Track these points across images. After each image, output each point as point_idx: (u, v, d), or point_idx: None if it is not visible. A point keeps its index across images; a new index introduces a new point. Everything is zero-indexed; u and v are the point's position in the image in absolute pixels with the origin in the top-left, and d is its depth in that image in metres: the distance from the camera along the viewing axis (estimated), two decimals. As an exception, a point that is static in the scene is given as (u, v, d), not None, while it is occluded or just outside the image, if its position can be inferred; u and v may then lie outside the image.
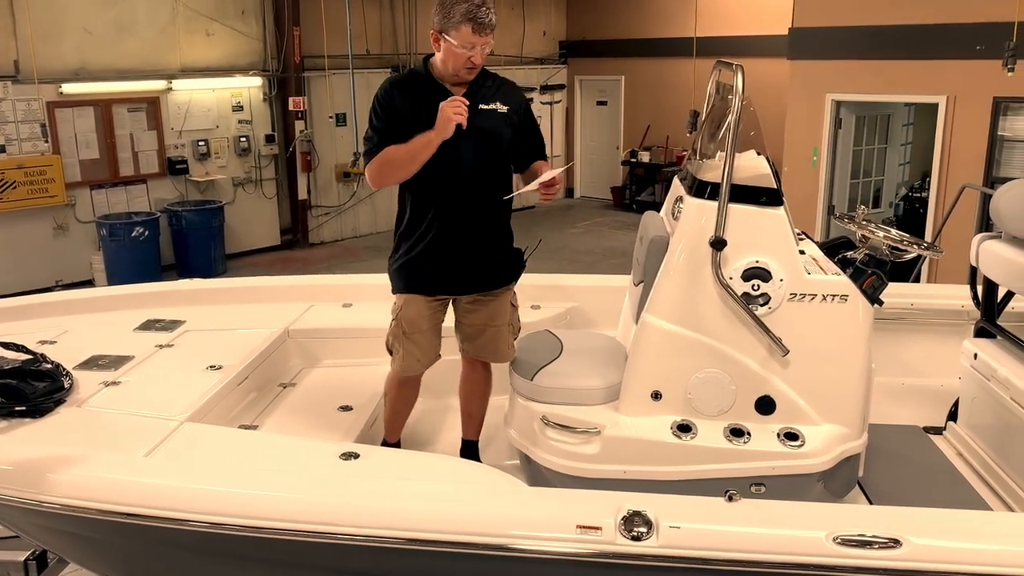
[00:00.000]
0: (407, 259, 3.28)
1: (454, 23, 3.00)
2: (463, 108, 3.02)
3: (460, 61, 3.07)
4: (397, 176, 3.18)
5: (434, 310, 3.34)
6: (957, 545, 2.38)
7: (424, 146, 3.05)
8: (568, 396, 3.14)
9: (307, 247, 12.60)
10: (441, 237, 3.23)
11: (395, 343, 3.34)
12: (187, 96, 11.09)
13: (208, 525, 2.52)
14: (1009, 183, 3.58)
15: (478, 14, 2.99)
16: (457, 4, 2.99)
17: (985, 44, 7.95)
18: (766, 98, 10.31)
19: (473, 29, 3.00)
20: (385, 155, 3.13)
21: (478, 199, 3.25)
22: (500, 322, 3.39)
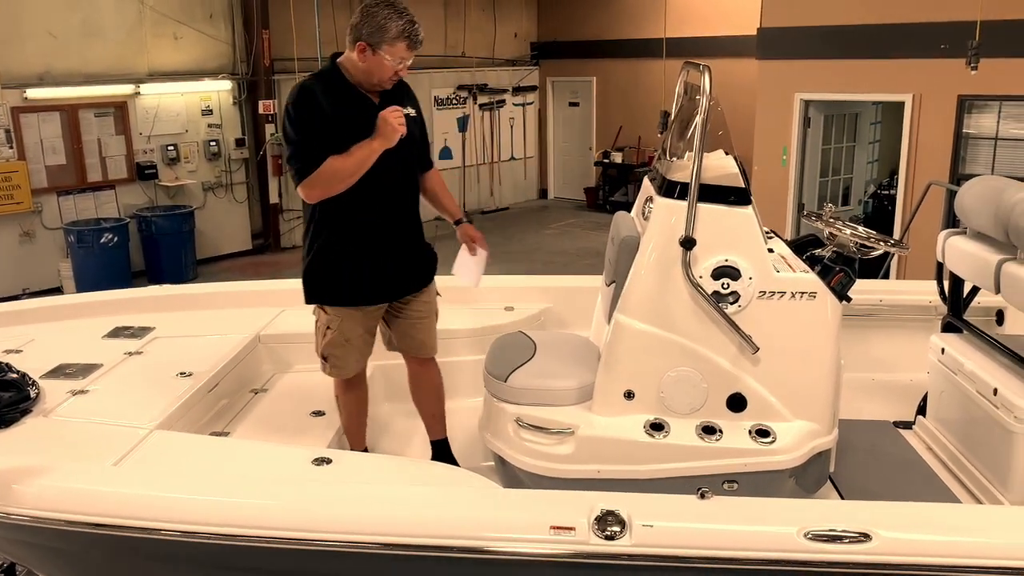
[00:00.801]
0: (348, 273, 3.24)
1: (389, 39, 3.02)
2: (403, 118, 3.07)
3: (387, 74, 3.10)
4: (341, 188, 3.09)
5: (375, 315, 3.41)
6: (926, 538, 2.41)
7: (368, 156, 3.05)
8: (542, 397, 3.14)
9: (279, 251, 12.52)
10: (382, 245, 3.26)
11: (333, 351, 3.34)
12: (155, 100, 10.98)
13: (179, 534, 2.50)
14: (972, 179, 3.64)
15: (413, 31, 3.06)
16: (391, 20, 3.01)
17: (949, 43, 8.06)
18: (736, 98, 10.41)
19: (408, 46, 3.06)
20: (329, 168, 3.04)
21: (407, 203, 3.34)
22: (431, 312, 3.52)
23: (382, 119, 3.03)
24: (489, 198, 15.86)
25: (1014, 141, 8.42)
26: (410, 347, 3.55)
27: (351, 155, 3.04)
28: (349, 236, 3.22)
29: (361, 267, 3.24)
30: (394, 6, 3.04)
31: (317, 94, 3.09)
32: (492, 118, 15.71)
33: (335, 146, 3.05)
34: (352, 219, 3.20)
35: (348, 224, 3.21)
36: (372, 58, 3.06)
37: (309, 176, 3.06)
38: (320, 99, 3.08)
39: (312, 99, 3.08)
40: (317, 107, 3.06)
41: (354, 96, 3.13)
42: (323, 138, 3.05)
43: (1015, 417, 3.09)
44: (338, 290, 3.27)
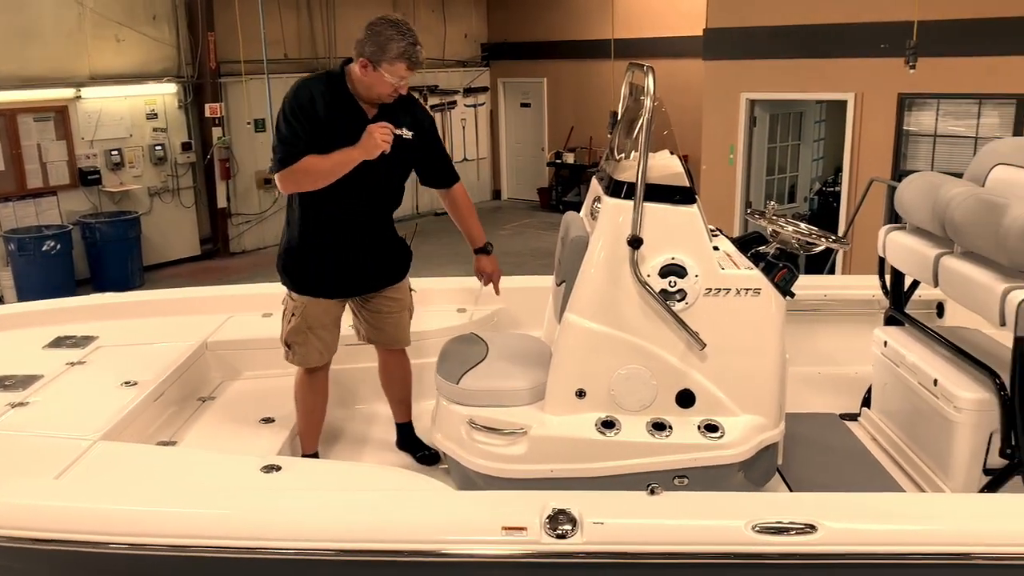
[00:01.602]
0: (314, 265, 3.36)
1: (389, 58, 3.11)
2: (390, 135, 3.15)
3: (387, 91, 3.18)
4: (313, 186, 3.23)
5: (338, 307, 3.49)
6: (870, 527, 2.46)
7: (345, 163, 3.16)
8: (494, 398, 3.14)
9: (228, 256, 12.35)
10: (348, 246, 3.38)
11: (296, 338, 3.42)
12: (98, 104, 10.75)
13: (127, 547, 2.45)
14: (911, 176, 3.72)
15: (414, 53, 3.14)
16: (393, 40, 3.10)
17: (889, 43, 8.26)
18: (683, 98, 10.57)
19: (408, 66, 3.15)
20: (305, 164, 3.16)
21: (381, 211, 3.45)
22: (403, 307, 3.61)
23: (368, 131, 3.14)
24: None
25: (952, 138, 8.65)
26: (379, 339, 3.66)
27: (329, 158, 3.15)
28: (320, 231, 3.33)
29: (326, 261, 3.35)
30: (398, 27, 3.14)
31: (314, 94, 3.19)
32: (443, 119, 15.68)
33: (318, 146, 3.15)
34: (325, 216, 3.31)
35: (321, 220, 3.32)
36: (373, 74, 3.14)
37: (286, 168, 3.18)
38: (316, 99, 3.18)
39: (307, 97, 3.18)
40: (310, 106, 3.16)
41: (349, 105, 3.23)
42: (308, 136, 3.15)
43: (954, 407, 3.18)
44: (303, 279, 3.39)
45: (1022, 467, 3.04)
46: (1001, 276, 3.02)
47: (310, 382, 3.52)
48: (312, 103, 3.17)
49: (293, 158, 3.15)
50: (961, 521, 2.51)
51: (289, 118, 3.17)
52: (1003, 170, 3.49)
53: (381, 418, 3.99)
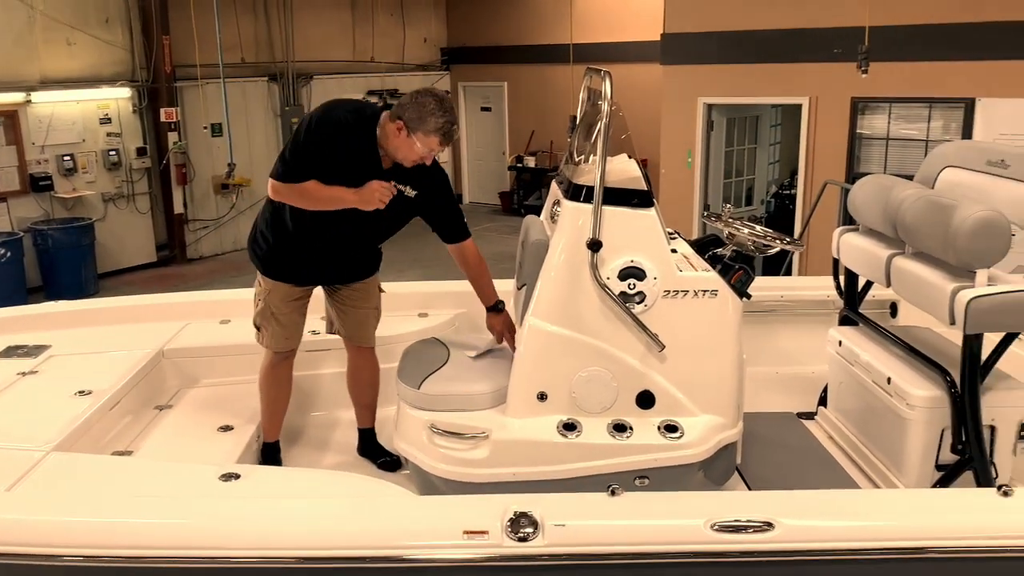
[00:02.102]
0: (277, 253, 3.43)
1: (426, 130, 3.12)
2: (388, 198, 3.18)
3: (413, 157, 3.19)
4: (300, 206, 3.28)
5: (300, 294, 3.53)
6: (826, 524, 2.51)
7: (338, 201, 3.21)
8: (455, 402, 3.14)
9: (185, 263, 12.18)
10: (316, 252, 3.42)
11: (263, 322, 3.52)
12: (49, 109, 10.53)
13: (82, 559, 2.41)
14: (864, 178, 3.80)
15: (451, 132, 3.18)
16: (434, 115, 3.11)
17: (842, 48, 8.41)
18: (642, 102, 10.65)
19: (441, 141, 3.17)
20: (304, 188, 3.20)
21: (361, 242, 3.51)
22: (370, 304, 3.65)
23: (369, 186, 3.16)
24: (403, 204, 15.75)
25: (904, 141, 8.83)
26: (343, 331, 3.68)
27: (328, 189, 3.19)
28: (299, 234, 3.37)
29: (297, 255, 3.42)
30: (442, 103, 3.14)
31: (344, 126, 3.20)
32: (404, 124, 15.60)
33: (324, 173, 3.18)
34: (309, 227, 3.34)
35: (304, 228, 3.35)
36: (405, 139, 3.15)
37: (285, 183, 3.23)
38: (343, 131, 3.19)
39: (336, 126, 3.19)
40: (333, 139, 3.18)
41: (370, 150, 3.22)
42: (320, 162, 3.17)
43: (907, 404, 3.24)
44: (270, 264, 3.46)
45: (973, 462, 3.12)
46: (950, 276, 3.09)
47: (273, 370, 3.57)
48: (338, 134, 3.18)
49: (297, 176, 3.19)
50: (915, 516, 2.56)
51: (312, 137, 3.18)
52: (952, 172, 3.57)
53: (342, 423, 3.97)
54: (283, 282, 3.46)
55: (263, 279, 3.49)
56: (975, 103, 8.20)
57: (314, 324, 3.77)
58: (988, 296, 2.94)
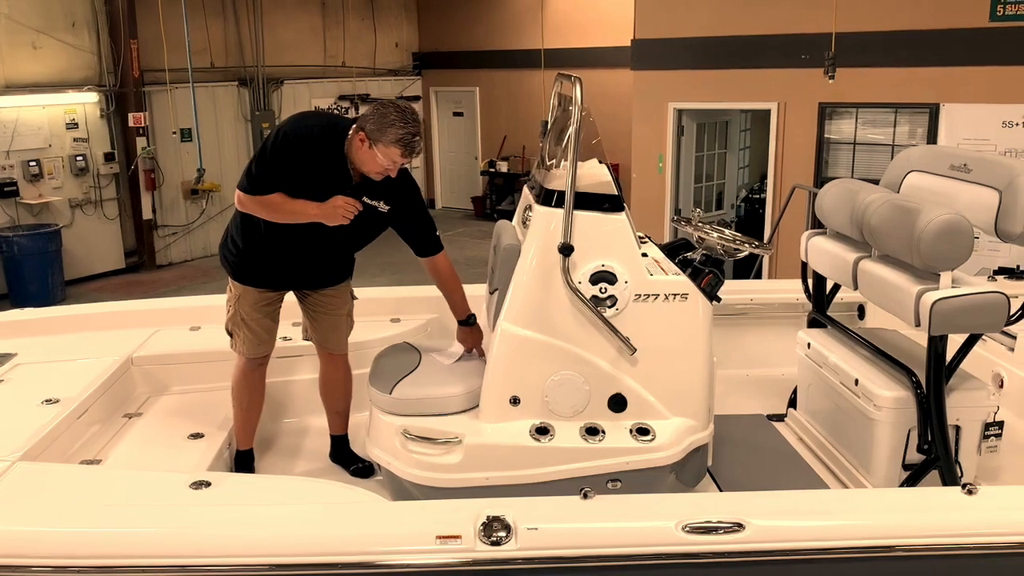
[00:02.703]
0: (248, 258, 3.42)
1: (387, 141, 3.10)
2: (352, 215, 3.19)
3: (376, 169, 3.17)
4: (265, 216, 3.28)
5: (271, 300, 3.51)
6: (795, 524, 2.54)
7: (302, 215, 3.22)
8: (427, 406, 3.14)
9: (154, 269, 12.04)
10: (287, 260, 3.42)
11: (234, 327, 3.51)
12: (14, 114, 10.37)
13: (51, 569, 2.38)
14: (830, 183, 3.85)
15: (412, 143, 3.14)
16: (395, 126, 3.08)
17: (809, 54, 8.52)
18: (613, 107, 10.71)
19: (403, 153, 3.13)
20: (269, 199, 3.21)
21: (328, 254, 3.49)
22: (339, 311, 3.62)
23: (333, 202, 3.18)
24: (375, 209, 15.70)
25: (870, 145, 8.96)
26: (315, 337, 3.67)
27: (292, 203, 3.20)
28: (269, 242, 3.36)
29: (266, 262, 3.41)
30: (403, 114, 3.12)
31: (312, 139, 3.20)
32: (375, 129, 15.56)
33: (291, 185, 3.19)
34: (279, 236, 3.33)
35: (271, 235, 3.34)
36: (367, 151, 3.13)
37: (250, 194, 3.23)
38: (311, 145, 3.19)
39: (305, 139, 3.19)
40: (301, 153, 3.18)
41: (338, 164, 3.22)
42: (287, 175, 3.18)
43: (874, 405, 3.29)
44: (239, 269, 3.45)
45: (938, 462, 3.17)
46: (915, 279, 3.14)
47: (246, 377, 3.54)
48: (306, 148, 3.18)
49: (264, 188, 3.19)
50: (883, 515, 2.60)
51: (279, 151, 3.17)
52: (916, 176, 3.64)
53: (313, 430, 3.95)
54: (253, 287, 3.45)
55: (234, 284, 3.48)
56: (939, 109, 8.34)
57: (286, 331, 3.75)
58: (952, 298, 3.00)
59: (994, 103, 8.02)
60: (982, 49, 8.03)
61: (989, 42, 8.00)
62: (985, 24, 8.01)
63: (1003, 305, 3.04)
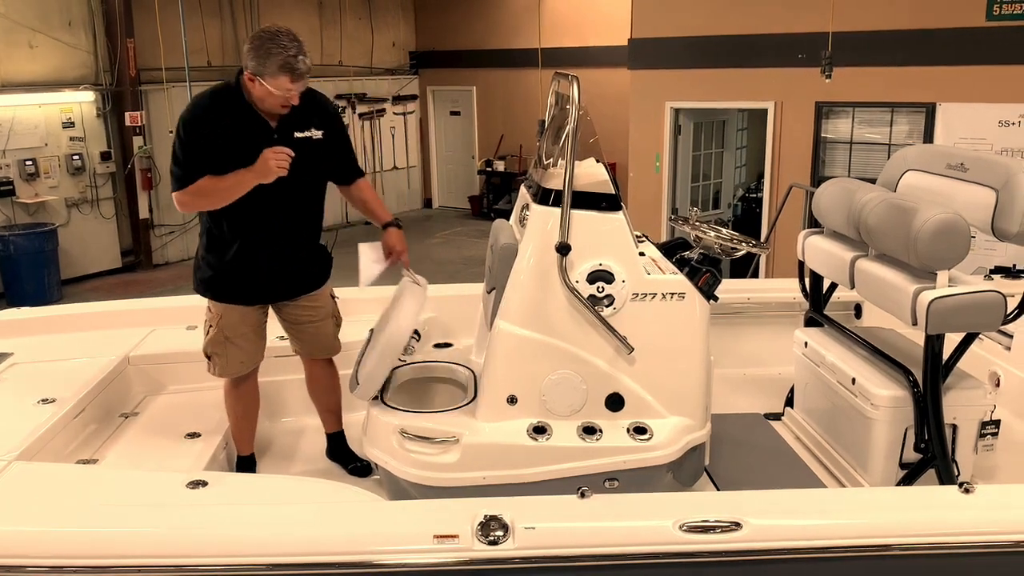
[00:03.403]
0: (222, 272, 3.32)
1: (271, 71, 3.03)
2: (287, 161, 3.07)
3: (277, 102, 3.10)
4: (208, 207, 3.21)
5: (255, 315, 3.42)
6: (793, 523, 2.54)
7: (239, 185, 3.10)
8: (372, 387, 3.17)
9: (151, 269, 12.04)
10: (257, 256, 3.30)
11: (215, 349, 3.39)
12: (10, 112, 10.36)
13: (47, 569, 2.37)
14: (827, 182, 3.85)
15: (295, 64, 3.04)
16: (273, 54, 3.01)
17: (806, 53, 8.53)
18: (610, 106, 10.71)
19: (291, 78, 3.05)
20: (199, 187, 3.12)
21: (294, 220, 3.35)
22: (323, 315, 3.54)
23: (262, 157, 3.07)
24: (372, 208, 15.69)
25: (867, 145, 8.97)
26: (301, 350, 3.61)
27: (224, 179, 3.09)
28: (233, 241, 3.27)
29: (239, 268, 3.30)
30: (277, 39, 3.03)
31: (211, 110, 3.13)
32: (373, 127, 15.58)
33: (220, 164, 3.09)
34: (238, 228, 3.25)
35: (234, 231, 3.26)
36: (259, 88, 3.07)
37: (182, 189, 3.14)
38: (210, 117, 3.12)
39: (202, 117, 3.12)
40: (205, 125, 3.10)
41: (249, 116, 3.15)
42: (205, 155, 3.09)
43: (871, 404, 3.29)
44: (217, 286, 3.35)
45: (935, 460, 3.17)
46: (912, 278, 3.14)
47: (236, 391, 3.49)
48: (209, 120, 3.11)
49: (189, 179, 3.11)
50: (880, 514, 2.60)
51: (184, 138, 3.11)
52: (913, 176, 3.64)
53: (310, 430, 3.94)
54: (235, 303, 3.35)
55: (213, 305, 3.38)
56: (936, 108, 8.35)
57: (279, 328, 3.72)
58: (949, 297, 3.00)
59: (991, 102, 8.03)
60: (979, 48, 8.03)
61: (986, 41, 8.01)
62: (982, 23, 8.02)
63: (1000, 304, 3.04)
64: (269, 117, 3.17)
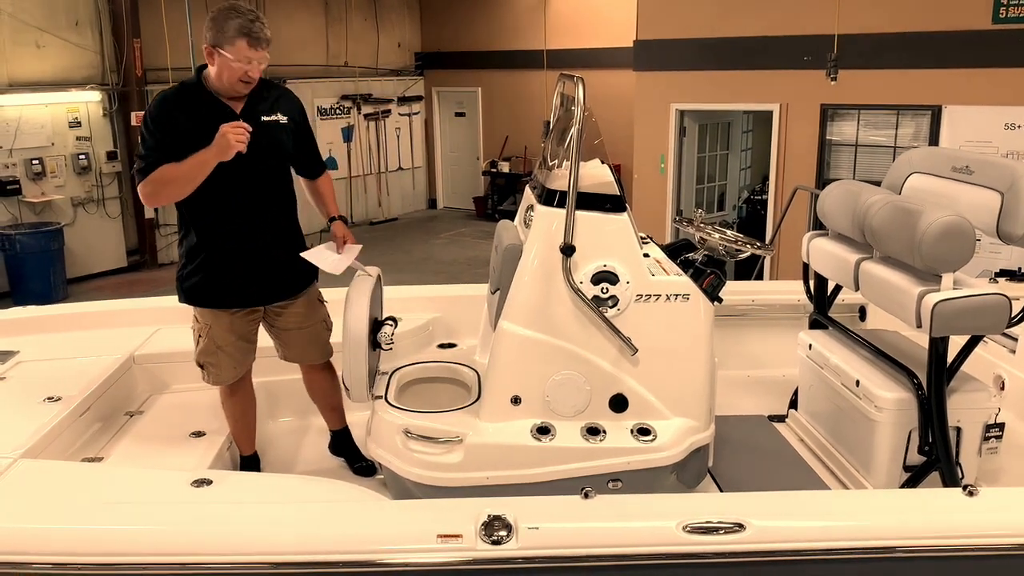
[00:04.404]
0: (201, 278, 3.27)
1: (228, 38, 3.02)
2: (245, 135, 3.03)
3: (236, 75, 3.08)
4: (172, 195, 3.16)
5: (243, 321, 3.38)
6: (796, 524, 2.54)
7: (200, 165, 3.04)
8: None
9: (156, 268, 12.06)
10: (234, 251, 3.27)
11: (207, 358, 3.37)
12: (16, 112, 10.39)
13: (52, 566, 2.38)
14: (832, 184, 3.85)
15: (252, 28, 3.03)
16: (231, 19, 3.02)
17: (812, 55, 8.53)
18: (615, 108, 10.72)
19: (248, 43, 3.03)
20: (160, 174, 3.06)
21: (266, 210, 3.31)
22: (314, 320, 3.50)
23: (220, 132, 3.01)
24: (377, 209, 15.73)
25: (872, 147, 8.96)
26: (294, 356, 3.58)
27: (183, 163, 3.04)
28: (212, 240, 3.25)
29: (221, 271, 3.27)
30: (236, 9, 3.04)
31: (173, 103, 3.13)
32: (378, 128, 15.61)
33: (180, 154, 3.04)
34: (204, 225, 3.24)
35: (210, 229, 3.24)
36: (218, 60, 3.06)
37: (143, 179, 3.09)
38: (174, 109, 3.12)
39: (165, 107, 3.12)
40: (168, 116, 3.10)
41: (211, 106, 3.14)
42: (167, 146, 3.06)
43: (875, 407, 3.29)
44: (201, 294, 3.31)
45: (939, 463, 3.17)
46: (917, 280, 3.14)
47: (231, 394, 3.47)
48: (171, 112, 3.10)
49: (149, 169, 3.06)
50: (883, 516, 2.60)
51: (145, 131, 3.10)
52: (918, 178, 3.64)
53: (313, 429, 3.95)
54: (223, 308, 3.31)
55: (200, 313, 3.34)
56: (941, 110, 8.34)
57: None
58: (953, 300, 2.99)
59: (996, 105, 8.03)
60: (984, 51, 8.03)
61: (991, 44, 8.00)
62: (988, 26, 8.01)
63: (1004, 307, 3.04)
64: (233, 103, 3.16)
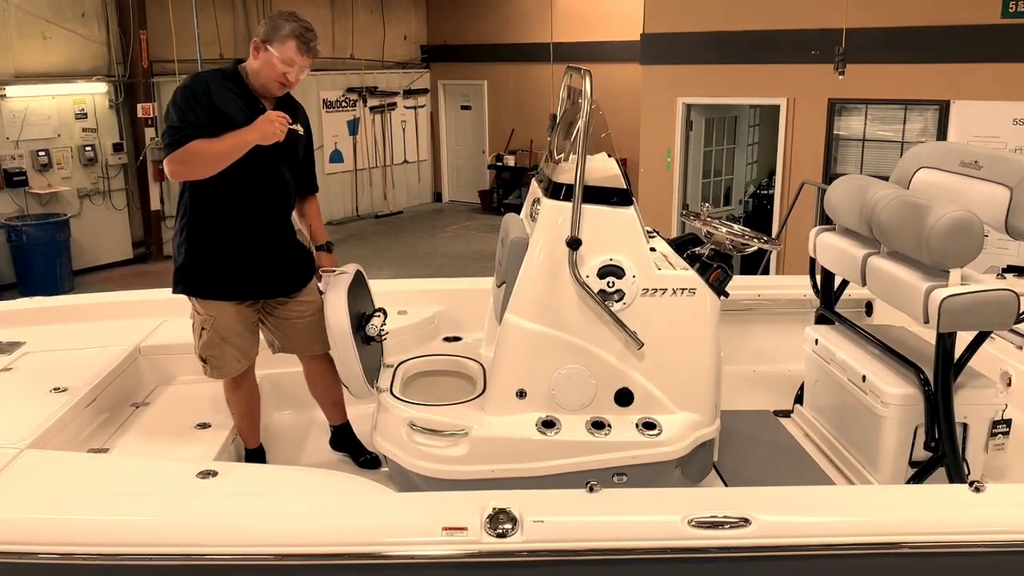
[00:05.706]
0: (217, 268, 3.27)
1: (281, 36, 3.10)
2: (286, 126, 3.11)
3: (275, 74, 3.14)
4: (203, 170, 3.11)
5: (248, 312, 3.40)
6: (801, 519, 2.54)
7: (241, 145, 3.08)
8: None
9: (162, 259, 12.05)
10: (246, 246, 3.27)
11: (211, 351, 3.35)
12: (23, 103, 10.40)
13: (58, 556, 2.39)
14: (839, 179, 3.84)
15: (306, 35, 3.13)
16: (288, 21, 3.13)
17: (819, 49, 8.49)
18: (622, 102, 10.69)
19: (298, 47, 3.12)
20: (195, 147, 3.05)
21: (279, 208, 3.36)
22: (314, 310, 3.48)
23: (266, 116, 3.10)
24: (383, 202, 15.73)
25: (879, 142, 8.92)
26: (296, 347, 3.56)
27: (222, 140, 3.06)
28: (224, 232, 3.25)
29: (228, 262, 3.27)
30: (296, 16, 3.15)
31: (210, 84, 3.14)
32: (384, 121, 15.59)
33: (211, 133, 3.07)
34: (228, 217, 3.23)
35: (223, 221, 3.24)
36: (263, 55, 3.13)
37: (176, 151, 3.05)
38: (211, 88, 3.13)
39: (202, 86, 3.13)
40: (204, 94, 3.10)
41: (246, 96, 3.18)
42: (201, 122, 3.07)
43: (881, 402, 3.28)
44: (206, 285, 3.29)
45: (945, 459, 3.16)
46: (924, 275, 3.13)
47: (235, 388, 3.47)
48: (208, 92, 3.11)
49: (184, 141, 3.04)
50: (889, 512, 2.60)
51: (181, 104, 3.09)
52: (926, 173, 3.62)
53: (318, 421, 3.95)
54: (226, 300, 3.30)
55: (202, 306, 3.31)
56: (949, 105, 8.30)
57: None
58: (961, 295, 2.98)
59: (1005, 100, 7.98)
60: (993, 45, 7.98)
61: (1000, 38, 7.95)
62: (996, 20, 7.96)
63: (1012, 303, 3.03)
64: (265, 101, 3.21)
